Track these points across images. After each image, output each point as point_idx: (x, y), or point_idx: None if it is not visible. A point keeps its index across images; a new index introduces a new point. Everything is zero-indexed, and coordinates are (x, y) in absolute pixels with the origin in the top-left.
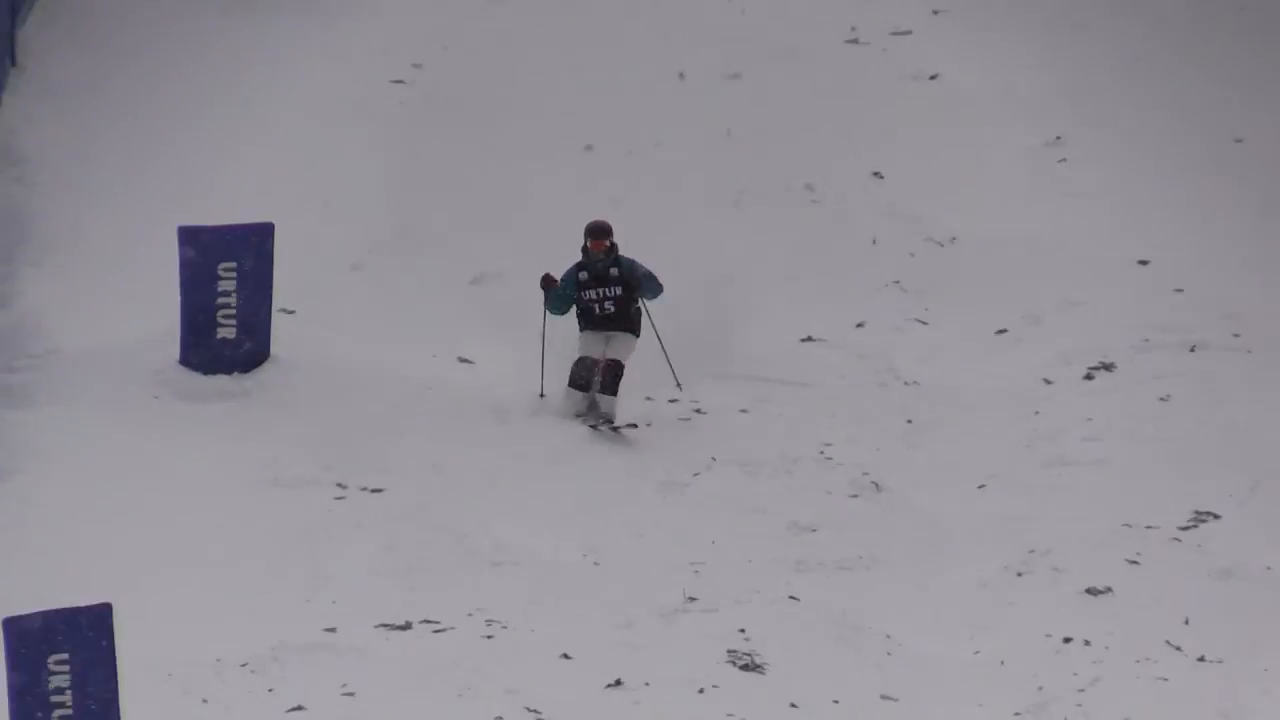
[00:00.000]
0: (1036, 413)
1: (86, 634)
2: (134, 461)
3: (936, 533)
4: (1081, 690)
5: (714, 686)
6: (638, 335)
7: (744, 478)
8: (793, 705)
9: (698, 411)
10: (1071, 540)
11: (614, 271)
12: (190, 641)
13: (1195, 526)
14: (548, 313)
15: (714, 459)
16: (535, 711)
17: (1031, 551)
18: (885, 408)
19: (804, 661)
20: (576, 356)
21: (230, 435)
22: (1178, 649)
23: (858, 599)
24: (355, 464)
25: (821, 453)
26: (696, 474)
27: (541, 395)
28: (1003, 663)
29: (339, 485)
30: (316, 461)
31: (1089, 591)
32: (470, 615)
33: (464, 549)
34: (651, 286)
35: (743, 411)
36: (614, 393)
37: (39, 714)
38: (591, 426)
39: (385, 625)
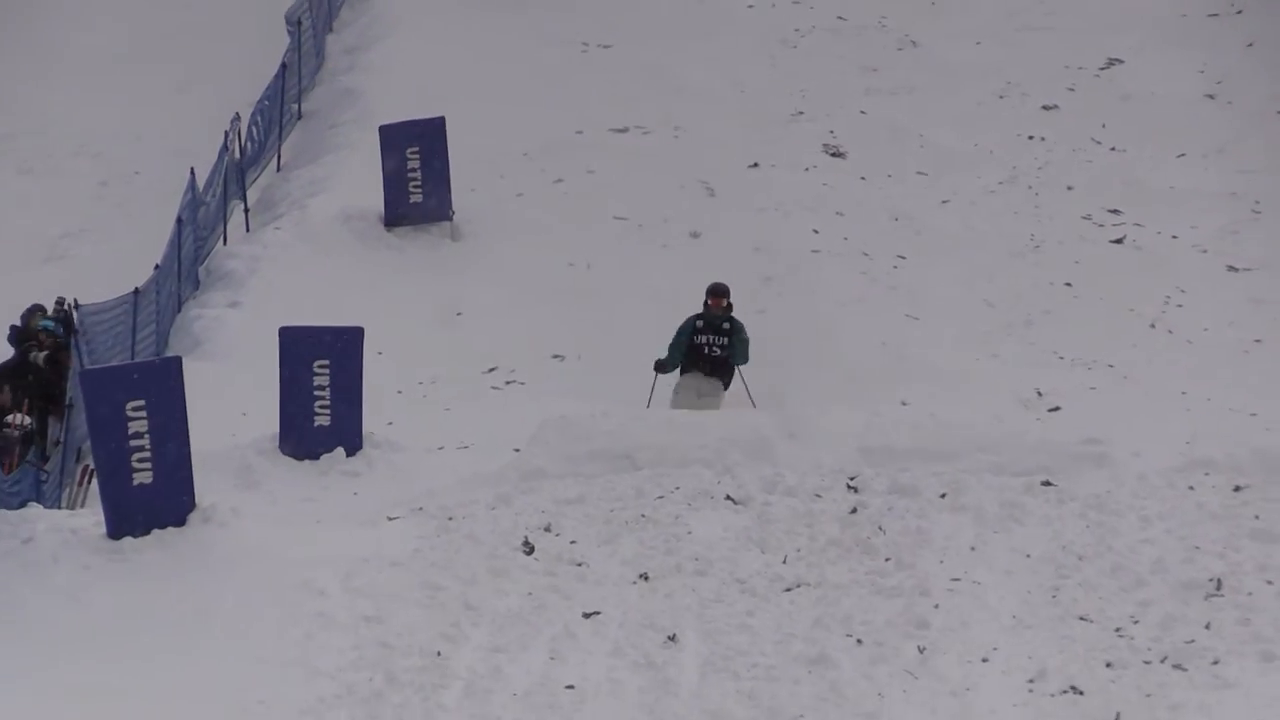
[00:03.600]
0: None
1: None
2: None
3: (951, 73)
4: (1040, 169)
5: (814, 166)
6: (728, 386)
7: (830, 35)
8: (862, 178)
9: None
10: (1034, 75)
11: (726, 325)
12: (485, 135)
13: (1109, 67)
14: (659, 375)
15: (816, 27)
16: (705, 181)
17: (1009, 83)
18: None
19: (870, 151)
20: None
21: (514, 13)
22: (1098, 143)
23: (903, 114)
24: (591, 29)
25: (878, 22)
26: (800, 34)
27: None
28: (991, 152)
29: (583, 44)
30: (570, 29)
31: (1044, 108)
32: (667, 122)
33: (665, 84)
34: (745, 350)
35: None
36: None
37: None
38: None
39: (615, 130)
